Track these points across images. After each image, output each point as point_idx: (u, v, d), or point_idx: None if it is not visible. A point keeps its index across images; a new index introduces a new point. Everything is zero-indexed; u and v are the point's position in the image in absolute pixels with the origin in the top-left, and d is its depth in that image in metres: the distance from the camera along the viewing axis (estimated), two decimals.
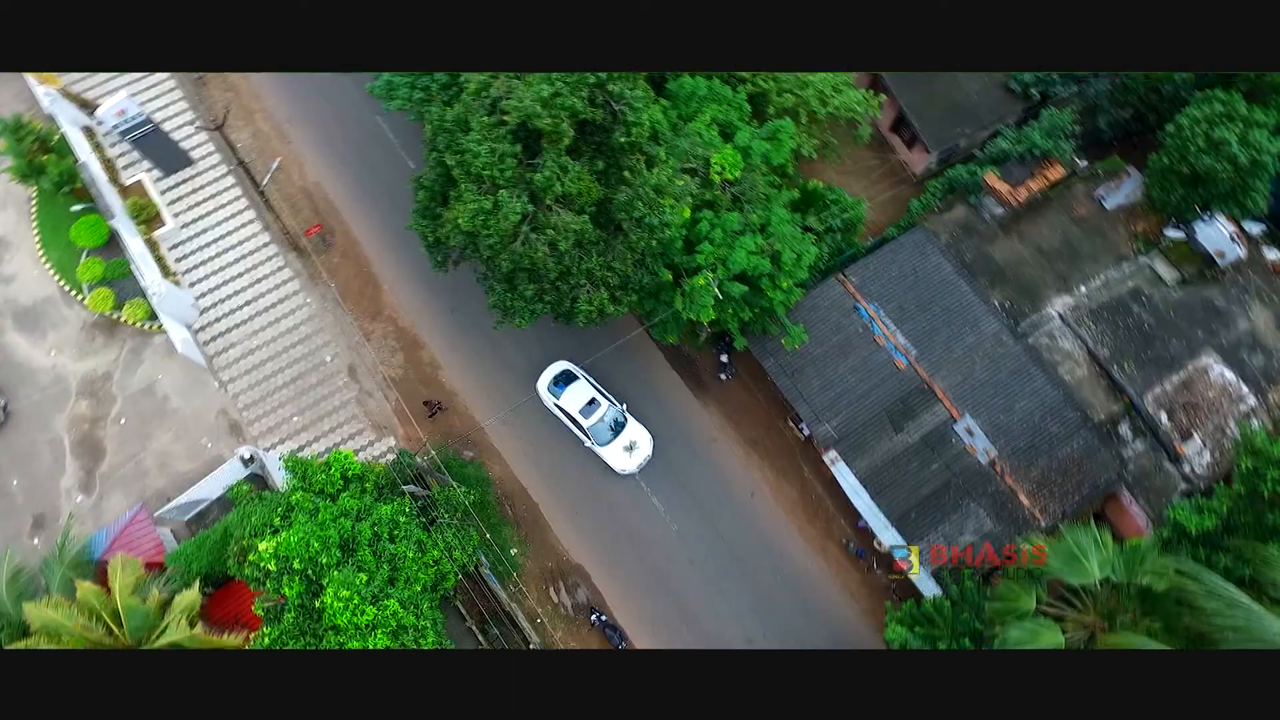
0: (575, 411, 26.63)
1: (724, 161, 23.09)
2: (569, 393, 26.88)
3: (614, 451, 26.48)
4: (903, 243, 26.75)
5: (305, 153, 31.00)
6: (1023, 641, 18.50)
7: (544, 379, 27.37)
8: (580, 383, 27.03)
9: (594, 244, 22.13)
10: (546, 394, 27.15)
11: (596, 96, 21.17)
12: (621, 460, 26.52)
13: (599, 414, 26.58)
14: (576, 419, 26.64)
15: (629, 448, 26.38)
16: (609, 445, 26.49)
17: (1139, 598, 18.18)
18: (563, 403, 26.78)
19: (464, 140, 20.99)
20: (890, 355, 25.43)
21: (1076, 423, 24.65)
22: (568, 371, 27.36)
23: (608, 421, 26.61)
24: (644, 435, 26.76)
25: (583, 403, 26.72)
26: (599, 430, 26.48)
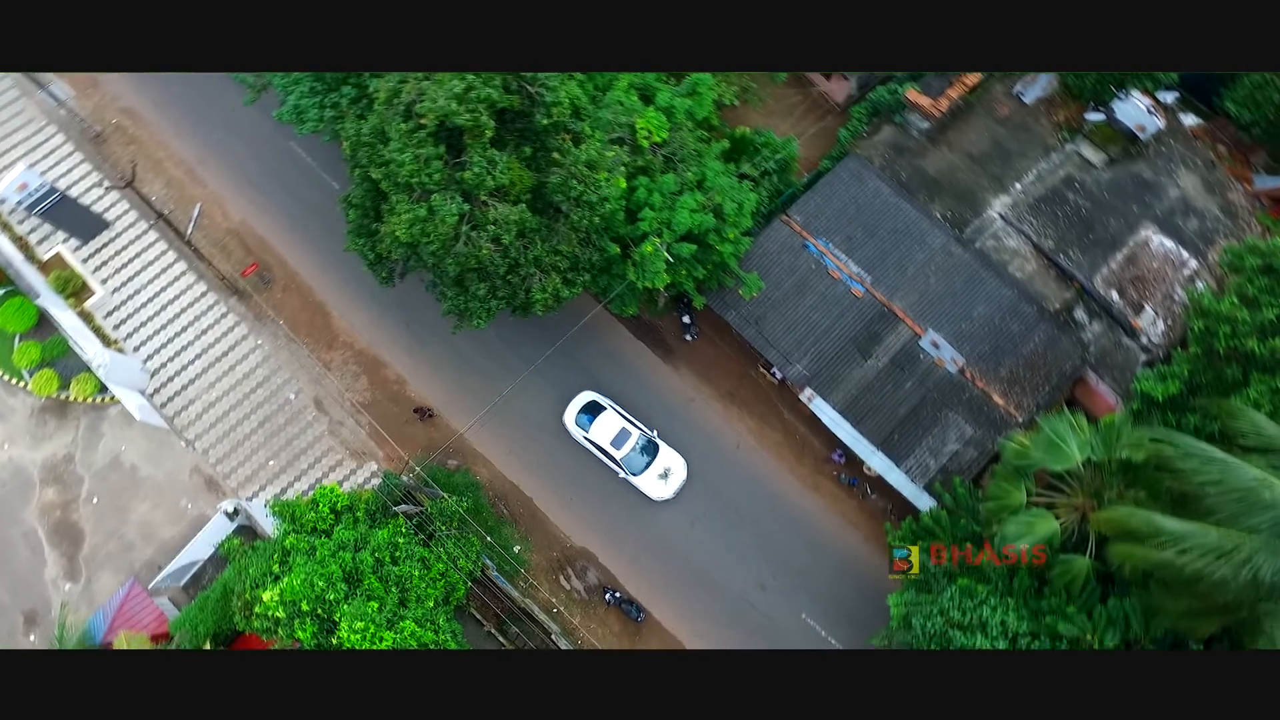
0: (606, 444, 26.06)
1: (649, 125, 22.95)
2: (598, 424, 26.31)
3: (649, 480, 26.01)
4: (838, 173, 26.94)
5: (224, 192, 30.09)
6: (1020, 534, 19.13)
7: (570, 412, 26.79)
8: (608, 413, 26.44)
9: (537, 231, 21.93)
10: (574, 427, 26.58)
11: (511, 84, 20.82)
12: (657, 489, 26.05)
13: (630, 443, 26.01)
14: (608, 451, 26.14)
15: (663, 475, 25.93)
16: (643, 474, 26.06)
17: (1121, 472, 18.87)
18: (592, 435, 26.24)
19: (386, 151, 20.54)
20: (846, 286, 25.75)
21: (1034, 316, 25.29)
22: (594, 402, 26.74)
23: (639, 450, 26.13)
24: (677, 459, 26.31)
25: (613, 434, 26.14)
26: (632, 460, 25.97)
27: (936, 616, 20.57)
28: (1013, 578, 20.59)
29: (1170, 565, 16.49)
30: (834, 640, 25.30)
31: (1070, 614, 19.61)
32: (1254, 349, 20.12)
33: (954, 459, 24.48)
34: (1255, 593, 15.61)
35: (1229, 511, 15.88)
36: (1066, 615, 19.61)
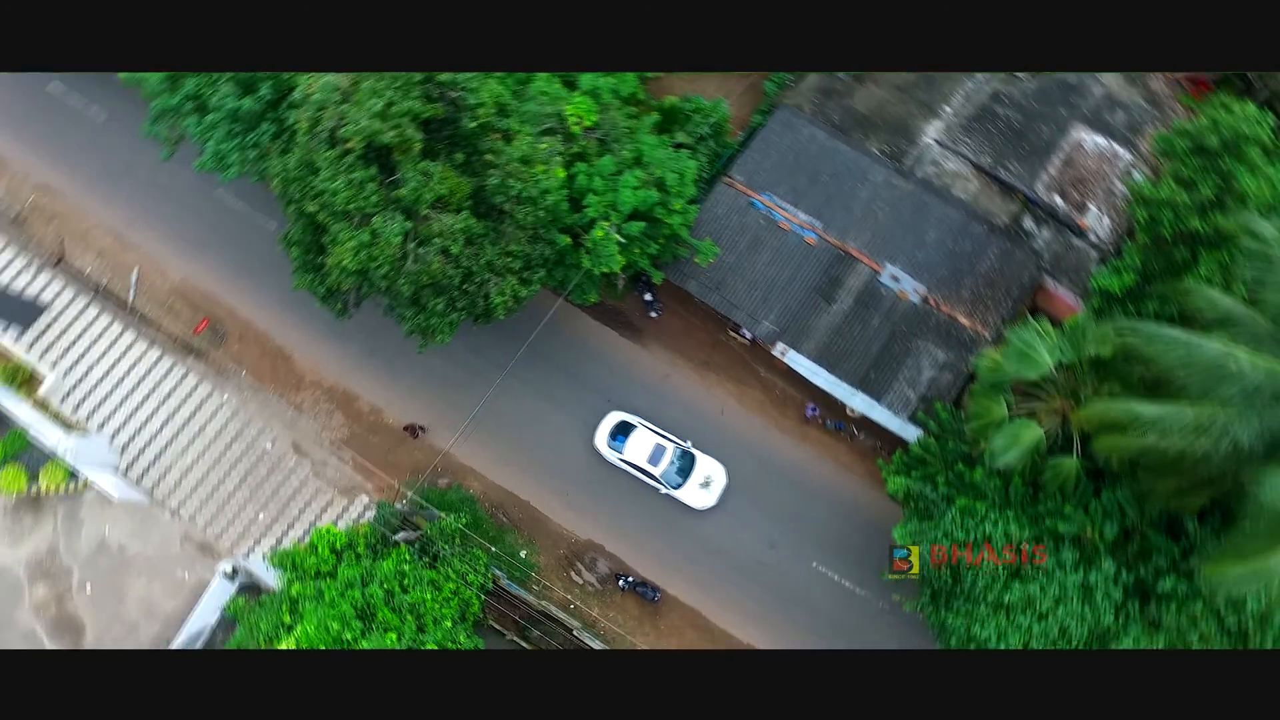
0: (643, 463, 25.73)
1: (578, 111, 22.79)
2: (631, 444, 25.98)
3: (690, 492, 25.77)
4: (772, 127, 27.00)
5: (160, 253, 29.32)
6: (1007, 445, 19.58)
7: (601, 435, 26.40)
8: (640, 431, 26.15)
9: (484, 236, 21.72)
10: (608, 450, 26.20)
11: (431, 92, 20.51)
12: (700, 499, 25.79)
13: (667, 458, 25.72)
14: (646, 469, 25.85)
15: (705, 484, 25.72)
16: (684, 487, 25.87)
17: (1093, 370, 19.35)
18: (628, 456, 25.87)
19: (317, 182, 20.15)
20: (799, 236, 25.90)
21: (985, 234, 25.69)
22: (624, 422, 26.38)
23: (676, 463, 25.86)
24: (715, 466, 26.09)
25: (648, 451, 25.80)
26: (670, 475, 25.77)
27: (943, 540, 21.03)
28: (1008, 489, 21.09)
29: (1153, 449, 16.99)
30: (847, 583, 25.71)
31: (1068, 513, 20.17)
32: (1198, 228, 20.68)
33: (932, 386, 24.88)
34: (1237, 461, 16.16)
35: (1200, 388, 16.38)
36: (1064, 515, 20.17)
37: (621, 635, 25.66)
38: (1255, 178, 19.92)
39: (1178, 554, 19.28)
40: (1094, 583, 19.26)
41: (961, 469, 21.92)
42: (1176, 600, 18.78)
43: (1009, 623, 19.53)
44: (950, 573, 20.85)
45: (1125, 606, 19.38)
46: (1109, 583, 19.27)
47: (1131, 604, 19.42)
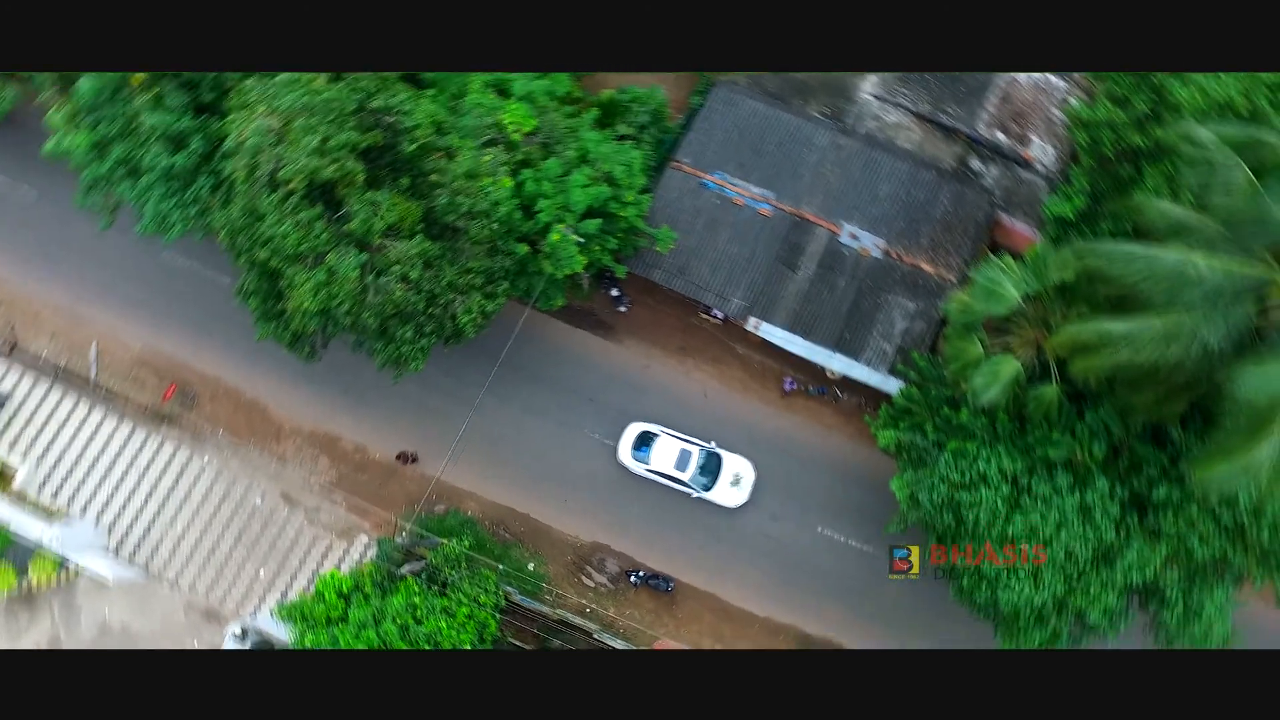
0: (670, 470, 25.68)
1: (516, 118, 22.64)
2: (656, 453, 25.86)
3: (721, 493, 25.77)
4: (711, 105, 27.03)
5: (116, 325, 28.71)
6: (988, 383, 19.85)
7: (624, 448, 26.23)
8: (663, 439, 26.04)
9: (442, 257, 21.54)
10: (633, 463, 26.06)
11: (366, 121, 20.28)
12: (732, 497, 25.79)
13: (694, 462, 25.67)
14: (674, 476, 25.73)
15: (734, 482, 25.70)
16: (714, 488, 25.77)
17: (1059, 296, 19.65)
18: (654, 466, 25.76)
19: (264, 229, 19.84)
20: (753, 209, 25.99)
21: (935, 180, 25.95)
22: (645, 432, 26.25)
23: (703, 465, 25.71)
24: (742, 462, 26.04)
25: (674, 458, 25.72)
26: (699, 479, 25.72)
27: (939, 485, 21.28)
28: (995, 425, 21.38)
29: (1128, 364, 17.32)
30: (854, 542, 25.94)
31: (1056, 439, 20.49)
32: (1138, 143, 21.07)
33: (906, 337, 25.14)
34: (1209, 363, 16.52)
35: (1163, 298, 16.70)
36: (1053, 441, 20.49)
37: (641, 630, 25.70)
38: (1187, 87, 20.30)
39: (1167, 462, 19.67)
40: (1091, 502, 19.61)
41: (947, 413, 22.18)
42: (1172, 507, 19.18)
43: (1014, 549, 19.83)
44: (954, 514, 21.09)
45: (1124, 521, 19.76)
46: (1105, 500, 19.63)
47: (1130, 517, 19.81)
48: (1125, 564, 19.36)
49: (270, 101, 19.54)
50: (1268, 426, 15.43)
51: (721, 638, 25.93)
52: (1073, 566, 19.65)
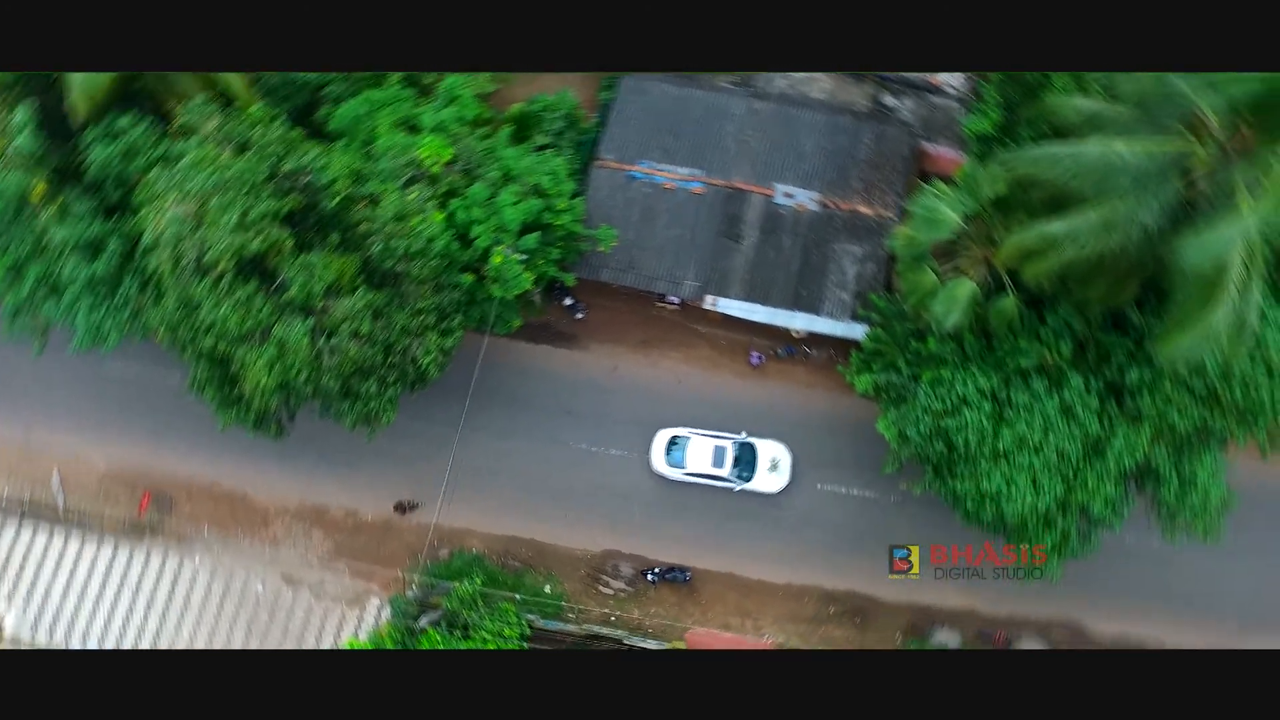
0: (708, 469, 25.49)
1: (431, 151, 22.39)
2: (691, 456, 25.59)
3: (761, 480, 25.59)
4: (622, 97, 27.00)
5: (73, 447, 27.85)
6: (947, 308, 20.18)
7: (656, 458, 25.90)
8: (694, 440, 25.76)
9: (388, 304, 21.26)
10: (669, 470, 25.77)
11: (283, 185, 19.92)
12: (773, 482, 25.63)
13: (729, 457, 25.51)
14: (713, 475, 25.52)
15: (772, 467, 25.54)
16: (755, 478, 25.57)
17: (998, 210, 20.01)
18: (691, 469, 25.54)
19: (202, 317, 19.39)
20: (686, 190, 26.03)
21: (853, 124, 26.24)
22: (674, 437, 25.97)
23: (739, 457, 25.55)
24: (776, 446, 25.90)
25: (709, 457, 25.50)
26: (739, 472, 25.64)
27: (924, 417, 21.58)
28: (963, 348, 21.72)
29: (1075, 261, 17.72)
30: (854, 490, 26.17)
31: (1023, 347, 20.89)
32: None
33: (860, 281, 25.41)
34: (1150, 242, 16.95)
35: (1094, 190, 17.08)
36: (1021, 350, 20.89)
37: (670, 624, 25.72)
38: None
39: (1132, 346, 20.17)
40: (1070, 400, 20.03)
41: (916, 345, 22.49)
42: (1146, 387, 19.67)
43: (1011, 467, 20.18)
44: (944, 441, 21.40)
45: (1105, 411, 20.22)
46: (1083, 395, 20.07)
47: (1110, 406, 20.29)
48: (1115, 451, 19.82)
49: (180, 187, 19.09)
50: (1218, 291, 15.88)
51: (748, 613, 26.05)
52: (1067, 466, 20.07)
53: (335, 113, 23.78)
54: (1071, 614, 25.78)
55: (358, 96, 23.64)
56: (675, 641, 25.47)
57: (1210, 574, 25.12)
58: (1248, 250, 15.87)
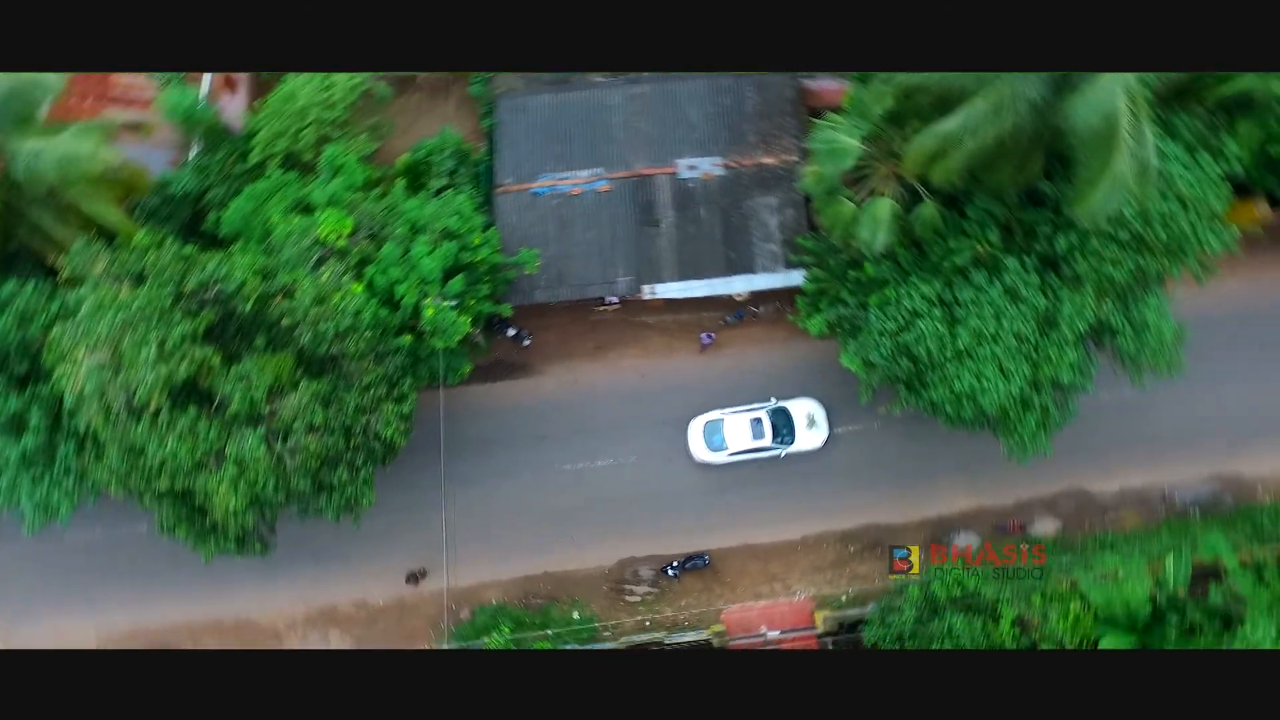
0: (750, 444, 25.34)
1: (331, 227, 21.93)
2: (730, 436, 25.38)
3: (804, 439, 25.54)
4: (502, 120, 26.83)
5: (58, 627, 26.66)
6: (872, 229, 20.55)
7: (697, 449, 25.73)
8: (728, 420, 25.60)
9: (335, 389, 20.79)
10: (713, 456, 25.58)
11: (190, 305, 19.33)
12: (814, 440, 25.61)
13: (767, 426, 25.36)
14: (757, 448, 25.38)
15: (810, 424, 25.37)
16: (796, 439, 25.52)
17: (892, 123, 20.35)
18: (734, 448, 25.38)
19: (151, 459, 18.72)
20: (592, 191, 25.98)
21: (732, 82, 26.46)
22: (710, 423, 25.77)
23: (776, 424, 25.47)
24: (808, 403, 25.76)
25: (748, 431, 25.34)
26: (779, 438, 25.51)
27: (882, 340, 21.92)
28: (899, 263, 22.08)
29: (977, 150, 18.16)
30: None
31: (954, 246, 21.33)
32: None
33: (784, 229, 25.68)
34: (1041, 115, 17.42)
35: (975, 79, 17.49)
36: (952, 249, 21.32)
37: (703, 611, 25.74)
38: None
39: (1053, 216, 20.72)
40: (1012, 283, 20.51)
41: (854, 274, 22.82)
42: (1076, 250, 20.23)
43: (976, 361, 20.59)
44: (907, 357, 21.74)
45: (1046, 284, 20.75)
46: (1022, 274, 20.56)
47: (1049, 278, 20.83)
48: (1066, 318, 20.36)
49: (88, 337, 18.37)
50: (1113, 141, 16.41)
51: (775, 577, 26.21)
52: (1027, 345, 20.56)
53: (223, 217, 23.20)
54: (1071, 484, 26.51)
55: (241, 194, 23.08)
56: (714, 626, 25.51)
57: (1186, 406, 26.04)
58: (1129, 97, 16.40)
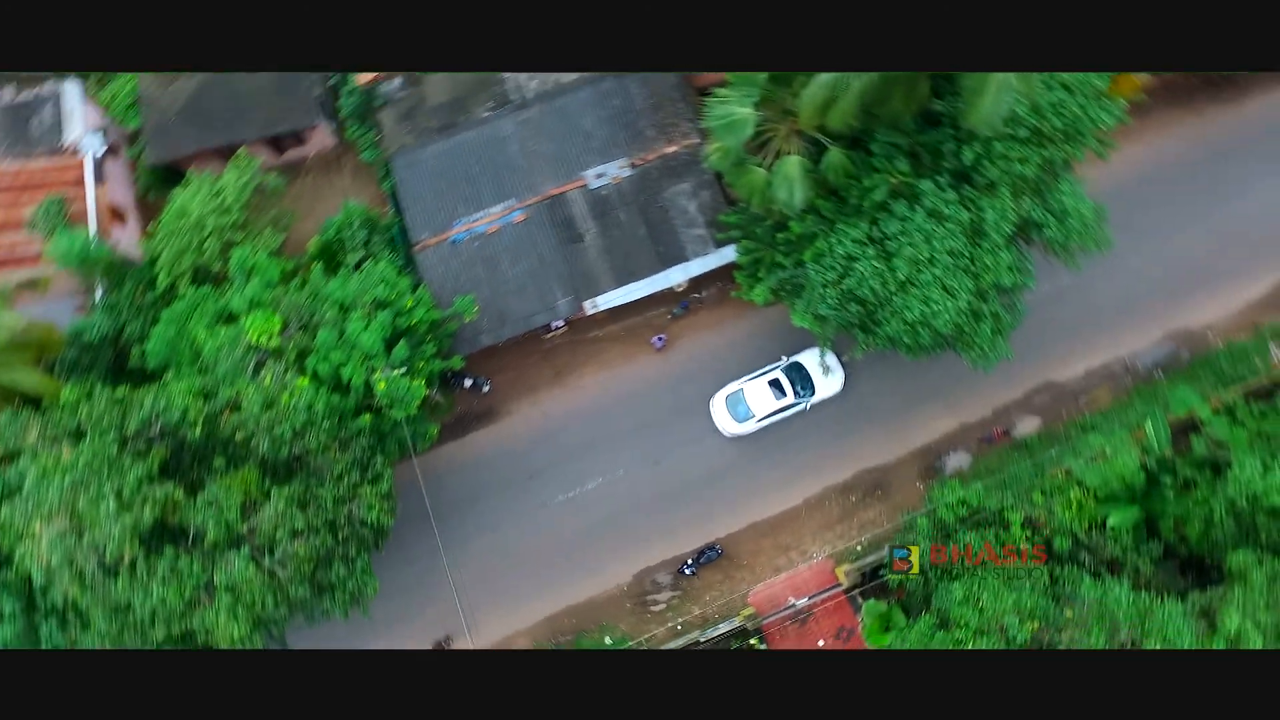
0: (776, 405, 25.58)
1: (259, 329, 21.41)
2: (754, 402, 25.68)
3: (823, 387, 25.92)
4: (402, 178, 26.54)
5: None
6: (788, 189, 20.76)
7: (725, 423, 25.91)
8: (748, 388, 25.86)
9: (308, 489, 20.33)
10: (743, 427, 25.77)
11: (138, 446, 18.74)
12: (833, 384, 26.00)
13: (787, 384, 25.71)
14: (782, 408, 25.65)
15: (826, 371, 25.36)
16: (818, 390, 25.88)
17: (778, 83, 20.57)
18: (760, 413, 25.61)
19: (139, 613, 18.07)
20: (509, 223, 25.83)
21: (614, 84, 26.56)
22: (731, 396, 25.97)
23: (793, 379, 25.83)
24: (815, 352, 25.61)
25: (769, 393, 25.62)
26: (801, 392, 25.84)
27: (826, 291, 22.18)
28: (821, 214, 22.34)
29: (864, 89, 18.46)
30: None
31: (869, 185, 21.62)
32: None
33: (704, 211, 25.85)
34: None
35: None
36: (868, 188, 21.62)
37: (730, 599, 25.78)
38: None
39: (952, 131, 21.13)
40: (932, 205, 20.90)
41: (782, 236, 23.05)
42: (982, 158, 20.66)
43: (920, 288, 20.94)
44: (854, 301, 22.02)
45: (964, 197, 21.18)
46: (939, 194, 20.95)
47: (965, 191, 21.26)
48: (992, 224, 20.82)
49: (40, 508, 17.66)
50: None
51: (788, 547, 26.36)
52: (962, 260, 20.98)
53: (147, 349, 22.54)
54: (1039, 379, 27.18)
55: (159, 322, 22.43)
56: (744, 611, 25.56)
57: (1122, 276, 26.93)
58: None
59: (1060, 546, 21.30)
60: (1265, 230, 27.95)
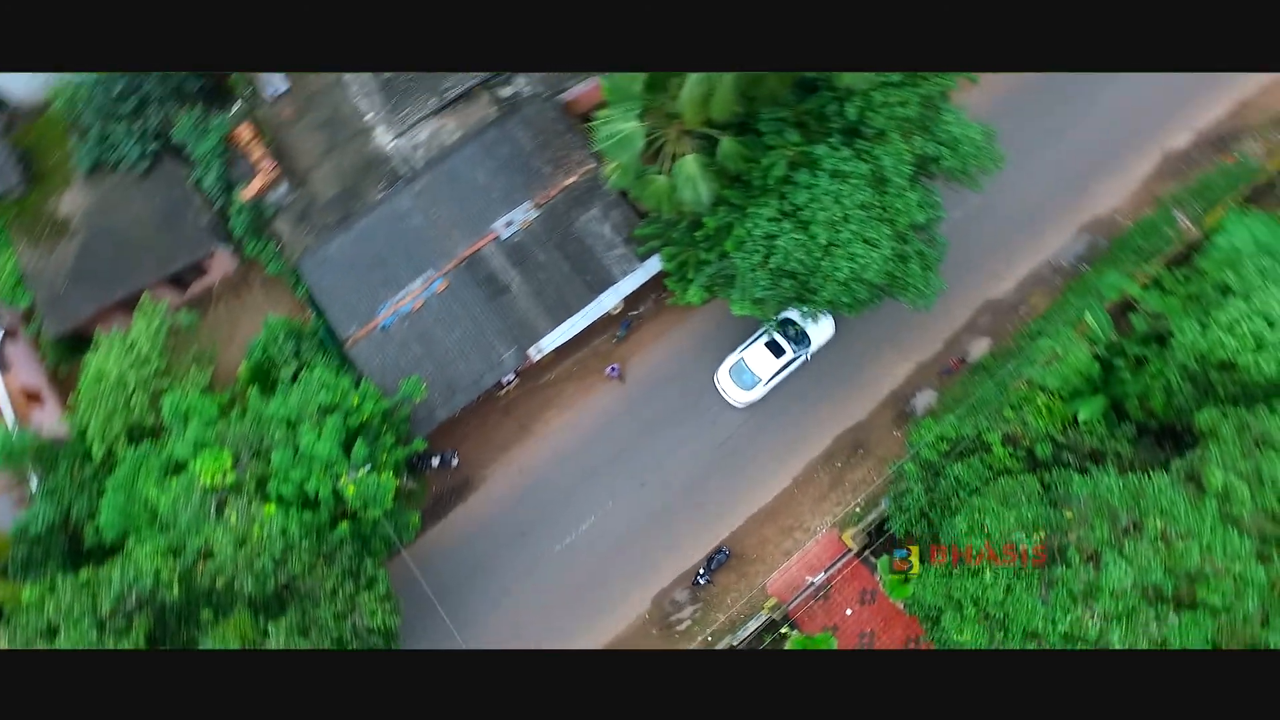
0: (781, 366, 26.35)
1: (211, 470, 20.72)
2: (757, 367, 26.30)
3: (816, 334, 26.75)
4: (314, 280, 26.09)
5: None
6: (692, 188, 21.14)
7: (735, 395, 26.47)
8: (748, 355, 26.49)
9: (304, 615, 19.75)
10: (753, 394, 26.38)
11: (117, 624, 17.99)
12: (825, 330, 26.89)
13: (783, 341, 26.45)
14: (785, 366, 26.43)
15: (815, 320, 25.41)
16: (812, 342, 26.72)
17: (655, 90, 20.85)
18: (766, 376, 26.25)
19: None
20: (433, 294, 25.57)
21: (498, 132, 26.62)
22: (734, 366, 26.55)
23: (789, 335, 26.57)
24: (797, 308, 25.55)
25: (770, 355, 26.35)
26: (798, 348, 26.55)
27: (757, 274, 22.44)
28: (732, 203, 22.63)
29: (736, 75, 18.79)
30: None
31: (767, 163, 21.98)
32: None
33: (618, 229, 25.98)
34: None
35: None
36: (769, 168, 21.99)
37: (751, 595, 25.74)
38: None
39: (829, 92, 21.70)
40: (832, 166, 21.34)
41: (700, 233, 23.32)
42: (867, 107, 21.18)
43: (842, 248, 21.29)
44: (785, 276, 22.30)
45: (858, 150, 21.69)
46: (835, 155, 21.42)
47: (858, 144, 21.79)
48: (892, 169, 21.37)
49: None
50: None
51: (791, 529, 26.47)
52: (874, 210, 21.47)
53: (100, 524, 21.59)
54: (977, 301, 27.96)
55: (105, 493, 21.53)
56: (767, 603, 25.53)
57: (1023, 184, 27.92)
58: None
59: (1043, 453, 21.77)
60: (1138, 103, 29.30)
